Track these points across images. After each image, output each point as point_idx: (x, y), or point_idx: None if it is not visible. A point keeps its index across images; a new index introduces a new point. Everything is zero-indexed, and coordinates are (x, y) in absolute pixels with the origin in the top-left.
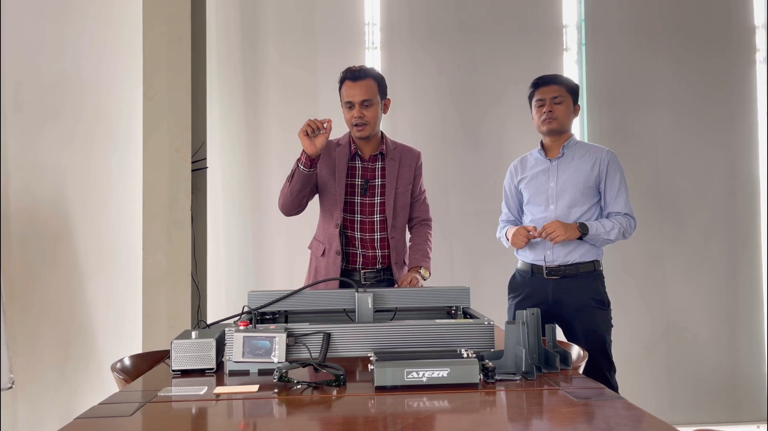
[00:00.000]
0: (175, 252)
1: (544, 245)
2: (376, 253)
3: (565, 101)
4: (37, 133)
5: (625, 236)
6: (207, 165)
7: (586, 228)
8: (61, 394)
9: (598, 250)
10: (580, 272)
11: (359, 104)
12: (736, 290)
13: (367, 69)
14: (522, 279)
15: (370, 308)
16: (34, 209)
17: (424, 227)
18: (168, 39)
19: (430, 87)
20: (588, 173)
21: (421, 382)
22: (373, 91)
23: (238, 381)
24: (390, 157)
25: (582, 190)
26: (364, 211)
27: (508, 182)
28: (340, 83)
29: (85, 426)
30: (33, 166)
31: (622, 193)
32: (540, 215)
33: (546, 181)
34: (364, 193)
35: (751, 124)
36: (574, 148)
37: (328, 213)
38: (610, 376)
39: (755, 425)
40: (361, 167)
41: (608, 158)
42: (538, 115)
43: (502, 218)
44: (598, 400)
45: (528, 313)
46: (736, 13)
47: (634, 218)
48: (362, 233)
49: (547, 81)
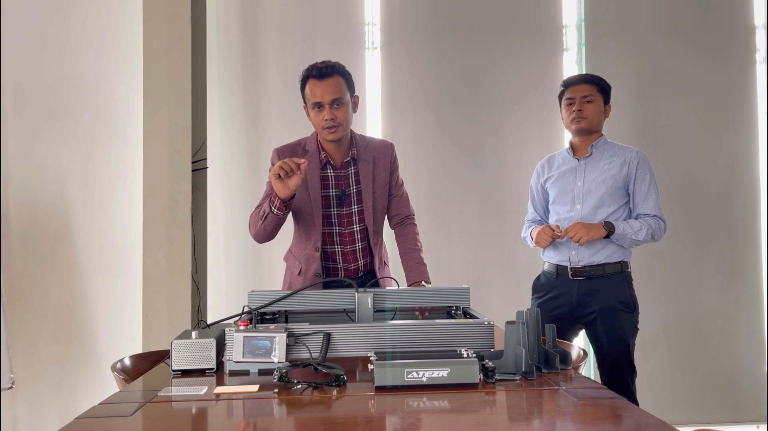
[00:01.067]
0: (175, 252)
1: (569, 245)
2: (358, 264)
3: (596, 101)
4: (37, 133)
5: (654, 238)
6: (207, 165)
7: (612, 226)
8: (61, 394)
9: (626, 251)
10: (606, 273)
11: (329, 104)
12: (736, 290)
13: (333, 64)
14: (547, 280)
15: (370, 308)
16: (34, 209)
17: (409, 227)
18: (168, 39)
19: (430, 87)
20: (617, 173)
21: (421, 382)
22: (342, 88)
23: (238, 381)
24: (363, 159)
25: (610, 191)
26: (342, 222)
27: (535, 181)
28: (303, 82)
29: (85, 426)
30: (33, 166)
31: (652, 194)
32: (566, 215)
33: (573, 180)
34: (341, 204)
35: (751, 124)
36: (603, 147)
37: (304, 233)
38: (631, 382)
39: (755, 425)
40: (335, 176)
41: (638, 158)
42: (567, 113)
43: (528, 218)
44: (597, 400)
45: (528, 313)
46: (736, 13)
47: (664, 220)
48: (342, 246)
49: (577, 80)
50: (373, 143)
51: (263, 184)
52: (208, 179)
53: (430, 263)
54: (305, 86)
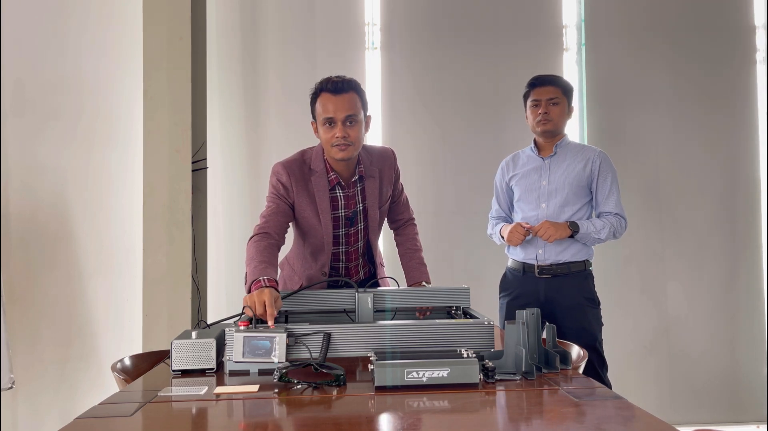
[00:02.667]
0: (175, 252)
1: (536, 244)
2: (359, 275)
3: (561, 103)
4: (37, 133)
5: (616, 236)
6: (207, 165)
7: (576, 226)
8: (61, 394)
9: (589, 250)
10: (571, 271)
11: (341, 122)
12: (736, 290)
13: (349, 80)
14: (513, 277)
15: (370, 308)
16: (34, 209)
17: (409, 227)
18: (168, 39)
19: (430, 87)
20: (580, 173)
21: (421, 382)
22: (357, 106)
23: (238, 381)
24: (369, 175)
25: (574, 190)
26: (349, 241)
27: (499, 178)
28: (315, 95)
29: (85, 426)
30: (33, 166)
31: (614, 193)
32: (531, 213)
33: (538, 179)
34: (351, 224)
35: (751, 124)
36: (566, 147)
37: (310, 255)
38: (603, 373)
39: (755, 425)
40: (343, 196)
41: (600, 158)
42: (533, 115)
43: (492, 214)
44: (597, 400)
45: (528, 313)
46: (736, 13)
47: (624, 218)
48: (347, 262)
49: (543, 81)
50: (376, 153)
51: (263, 184)
52: (208, 179)
53: (430, 263)
54: (316, 100)
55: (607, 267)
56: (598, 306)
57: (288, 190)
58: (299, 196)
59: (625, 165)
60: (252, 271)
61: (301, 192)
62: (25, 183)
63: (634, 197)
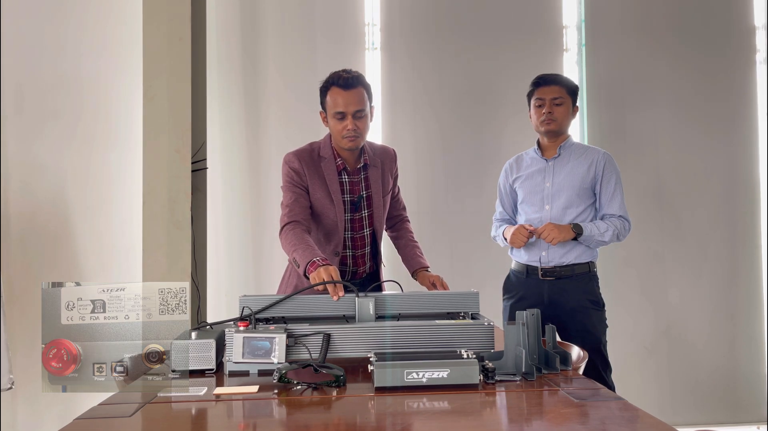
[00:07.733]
0: (175, 252)
1: (539, 246)
2: (366, 267)
3: (565, 102)
4: (37, 133)
5: (620, 238)
6: (207, 165)
7: (580, 228)
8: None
9: (593, 252)
10: (575, 273)
11: (351, 115)
12: (736, 290)
13: (358, 75)
14: (517, 280)
15: (371, 314)
16: (34, 209)
17: (405, 223)
18: (168, 39)
19: (430, 87)
20: (584, 174)
21: (421, 383)
22: (364, 100)
23: (238, 382)
24: (373, 164)
25: (578, 192)
26: (355, 227)
27: (503, 180)
28: (325, 89)
29: (85, 426)
30: (33, 166)
31: (618, 195)
32: (535, 215)
33: (542, 181)
34: (356, 209)
35: (751, 124)
36: (570, 148)
37: (324, 237)
38: (606, 376)
39: (755, 425)
40: (349, 182)
41: (604, 160)
42: (537, 115)
43: (496, 217)
44: (597, 401)
45: (528, 314)
46: (736, 13)
47: (628, 220)
48: (354, 250)
49: (548, 81)
50: (378, 147)
51: (263, 184)
52: (208, 180)
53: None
54: (327, 94)
55: (607, 268)
56: (602, 309)
57: (301, 174)
58: (311, 178)
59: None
60: (302, 255)
61: (312, 175)
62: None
63: (633, 197)
